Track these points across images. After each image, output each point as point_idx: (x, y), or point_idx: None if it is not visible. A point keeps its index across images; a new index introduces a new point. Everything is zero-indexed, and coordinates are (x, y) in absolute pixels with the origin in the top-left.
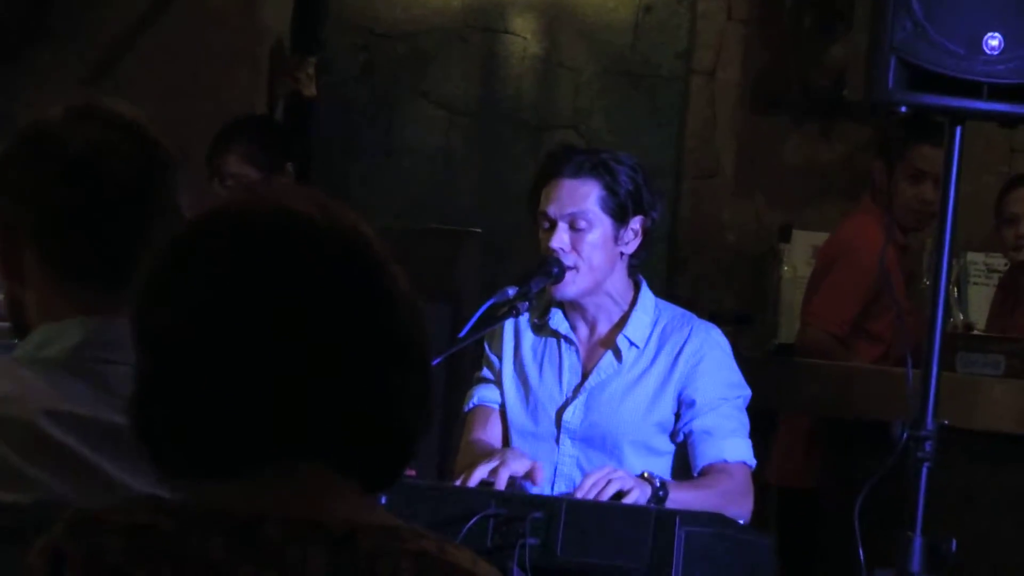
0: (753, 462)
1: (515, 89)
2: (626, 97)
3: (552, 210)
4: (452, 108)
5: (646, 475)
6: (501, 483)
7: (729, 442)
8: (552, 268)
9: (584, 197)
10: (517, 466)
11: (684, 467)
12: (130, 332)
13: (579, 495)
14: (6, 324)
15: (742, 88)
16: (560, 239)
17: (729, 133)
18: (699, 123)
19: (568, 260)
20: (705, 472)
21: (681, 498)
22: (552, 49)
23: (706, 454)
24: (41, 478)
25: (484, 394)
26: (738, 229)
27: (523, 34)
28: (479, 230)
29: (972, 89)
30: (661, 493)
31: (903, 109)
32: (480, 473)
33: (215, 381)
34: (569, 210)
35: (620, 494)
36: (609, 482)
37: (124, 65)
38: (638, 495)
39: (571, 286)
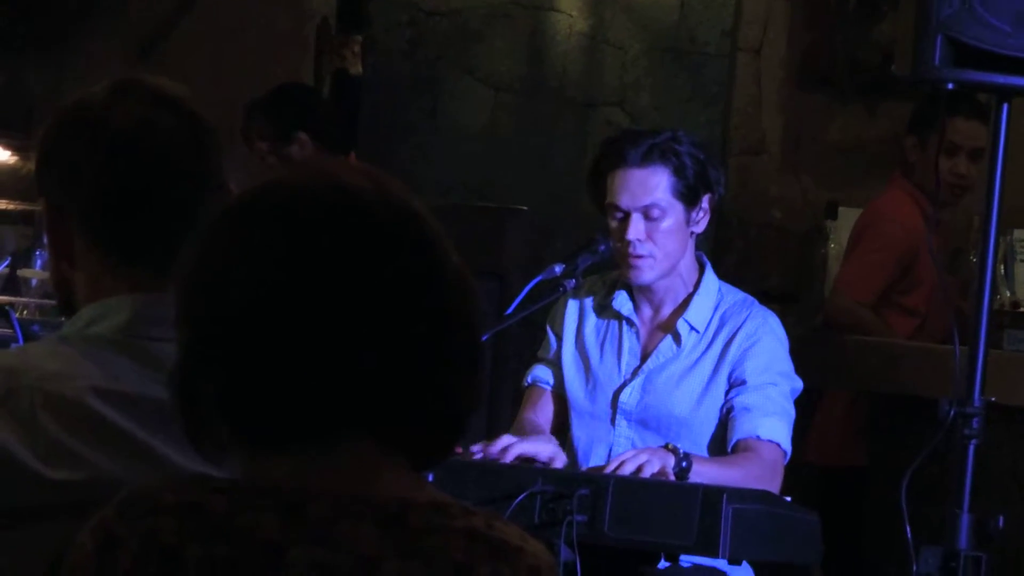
0: (788, 447)
1: (561, 66)
2: (672, 74)
3: (625, 202)
4: (498, 86)
5: (670, 446)
6: (508, 458)
7: (767, 421)
8: (599, 245)
9: (656, 187)
10: (535, 448)
11: (716, 443)
12: (175, 306)
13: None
14: (52, 302)
15: (788, 65)
16: (636, 230)
17: (775, 110)
18: (745, 100)
19: (644, 249)
20: (737, 448)
21: (704, 472)
22: (598, 26)
23: (741, 429)
24: (90, 456)
25: (538, 374)
26: (784, 206)
27: (569, 11)
28: (525, 208)
29: (1019, 66)
30: (684, 464)
31: (950, 86)
32: (501, 442)
33: (264, 356)
34: (643, 202)
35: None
36: (623, 463)
37: (171, 44)
38: (657, 466)
39: (648, 273)
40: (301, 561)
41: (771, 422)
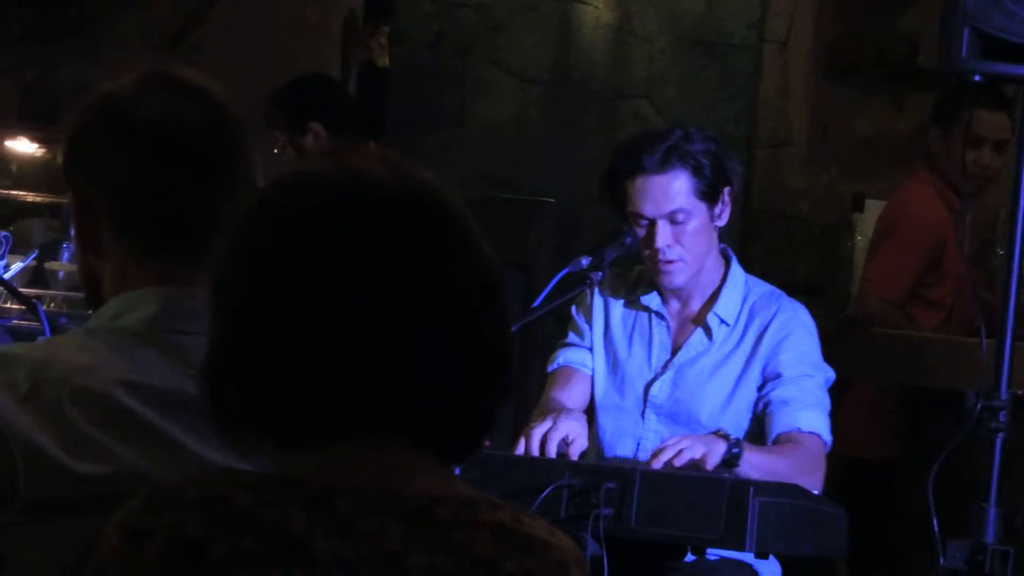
0: (828, 438)
1: (588, 58)
2: (699, 67)
3: (649, 211)
4: (524, 77)
5: (720, 432)
6: (550, 451)
7: (805, 413)
8: (626, 238)
9: (678, 192)
10: (566, 427)
11: (757, 439)
12: (208, 300)
13: (654, 465)
14: (79, 295)
15: (815, 57)
16: (664, 237)
17: (802, 102)
18: (772, 92)
19: (674, 254)
20: (778, 441)
21: (754, 460)
22: (624, 18)
23: (781, 422)
24: (117, 449)
25: (570, 356)
26: (811, 198)
27: (595, 3)
28: (552, 200)
29: None
30: (735, 450)
31: (976, 78)
32: (537, 435)
33: (290, 351)
34: (667, 209)
35: (695, 464)
36: (680, 451)
37: (199, 35)
38: (711, 458)
39: (680, 276)
40: (326, 555)
41: (810, 414)
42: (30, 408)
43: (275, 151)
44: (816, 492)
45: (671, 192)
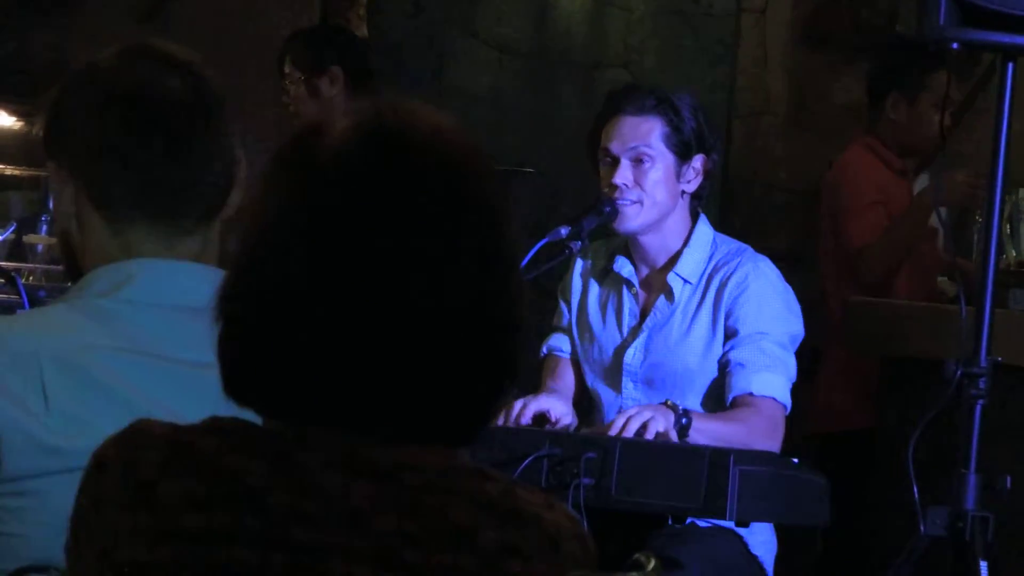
0: (786, 400)
1: (566, 28)
2: (677, 35)
3: (615, 146)
4: (503, 48)
5: (668, 403)
6: (526, 419)
7: (760, 376)
8: (604, 207)
9: (647, 133)
10: (547, 403)
11: (720, 398)
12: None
13: (611, 433)
14: (59, 268)
15: (793, 25)
16: (624, 175)
17: (780, 71)
18: (750, 61)
19: (632, 195)
20: (734, 404)
21: (704, 427)
22: None
23: (736, 386)
24: (98, 421)
25: (553, 343)
26: (790, 166)
27: None
28: (531, 170)
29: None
30: (684, 420)
31: (955, 46)
32: (516, 407)
33: (294, 327)
34: (632, 144)
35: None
36: (629, 419)
37: (175, 9)
38: (661, 424)
39: (634, 220)
40: (284, 507)
41: (765, 377)
42: (10, 381)
43: (287, 87)
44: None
45: (640, 131)
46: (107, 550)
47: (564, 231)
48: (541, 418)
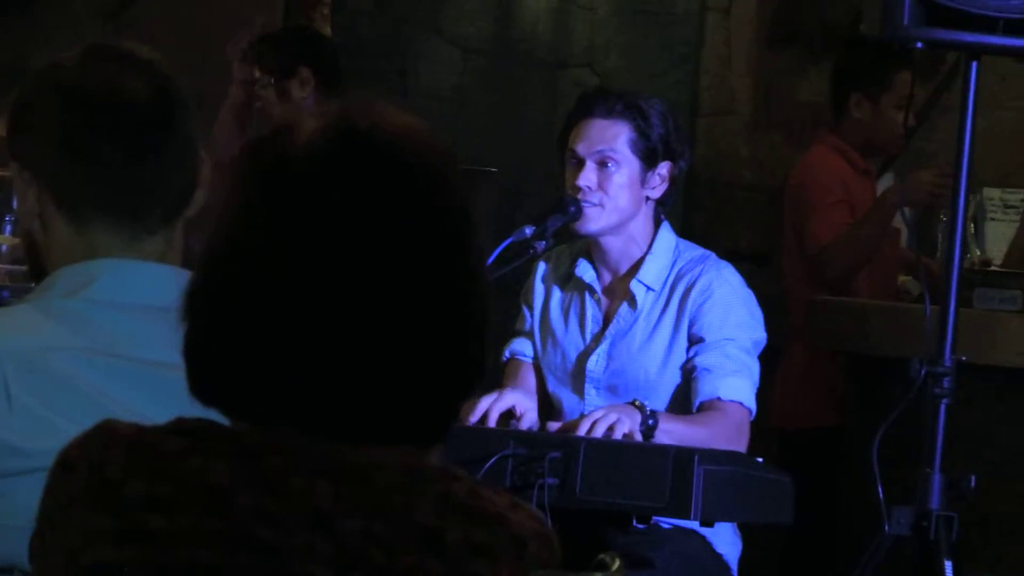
0: (751, 405)
1: (530, 27)
2: (641, 35)
3: (581, 148)
4: (467, 46)
5: (636, 403)
6: (491, 421)
7: (727, 381)
8: (569, 207)
9: (614, 137)
10: (512, 399)
11: (683, 404)
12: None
13: (578, 433)
14: (23, 268)
15: (758, 25)
16: (587, 177)
17: (745, 70)
18: (714, 60)
19: (594, 198)
20: (701, 409)
21: (671, 429)
22: None
23: (703, 391)
24: (64, 423)
25: (515, 347)
26: (755, 166)
27: None
28: (495, 169)
29: (988, 24)
30: (651, 422)
31: (919, 45)
32: (482, 406)
33: (255, 328)
34: (598, 148)
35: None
36: (595, 422)
37: (137, 9)
38: (627, 425)
39: (594, 222)
40: (247, 508)
41: (732, 382)
42: None
43: (255, 91)
44: None
45: (607, 135)
46: (73, 551)
47: (528, 231)
48: (507, 413)
